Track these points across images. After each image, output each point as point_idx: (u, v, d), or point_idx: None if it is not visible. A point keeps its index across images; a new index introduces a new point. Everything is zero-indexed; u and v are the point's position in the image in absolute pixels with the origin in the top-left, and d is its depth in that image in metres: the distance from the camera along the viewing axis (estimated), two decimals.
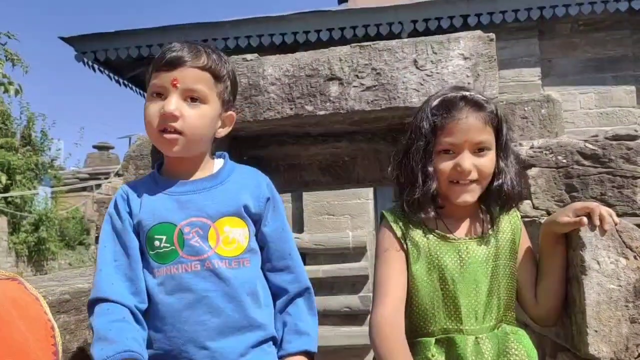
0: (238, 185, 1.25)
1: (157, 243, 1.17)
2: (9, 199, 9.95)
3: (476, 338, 1.21)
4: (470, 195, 1.27)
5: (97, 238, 2.14)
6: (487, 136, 1.26)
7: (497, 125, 1.28)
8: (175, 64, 1.17)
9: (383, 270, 1.29)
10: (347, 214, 5.58)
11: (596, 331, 1.17)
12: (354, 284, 5.22)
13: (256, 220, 1.25)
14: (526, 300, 1.31)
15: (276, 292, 1.27)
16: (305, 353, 1.22)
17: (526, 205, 1.62)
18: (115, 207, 1.22)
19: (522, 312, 1.35)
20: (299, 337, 1.22)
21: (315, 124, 2.13)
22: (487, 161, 1.26)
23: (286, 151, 2.39)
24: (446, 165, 1.26)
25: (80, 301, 1.43)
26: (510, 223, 1.33)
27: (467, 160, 1.24)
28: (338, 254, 5.26)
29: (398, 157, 1.35)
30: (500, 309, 1.26)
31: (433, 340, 1.24)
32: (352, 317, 5.17)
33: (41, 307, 0.86)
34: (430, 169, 1.27)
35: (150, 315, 1.17)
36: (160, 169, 1.29)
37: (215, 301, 1.15)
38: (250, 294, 1.20)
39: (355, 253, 5.30)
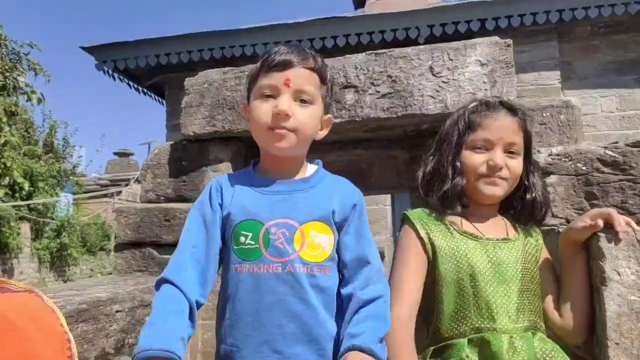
0: (328, 191, 1.25)
1: (242, 239, 1.18)
2: (32, 206, 10.11)
3: (510, 337, 1.19)
4: (499, 189, 1.29)
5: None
6: (519, 140, 1.31)
7: (527, 136, 1.33)
8: (288, 64, 1.19)
9: (400, 271, 1.29)
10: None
11: (617, 344, 1.14)
12: None
13: (339, 228, 1.23)
14: (549, 313, 1.29)
15: (346, 301, 1.20)
16: (358, 348, 1.09)
17: None
18: (209, 196, 1.24)
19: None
20: (350, 338, 1.11)
21: (330, 131, 2.12)
22: (517, 164, 1.30)
23: None
24: (477, 159, 1.30)
25: (98, 310, 1.44)
26: (533, 236, 1.34)
27: (500, 156, 1.28)
28: None
29: (426, 156, 1.41)
30: (532, 312, 1.24)
31: (466, 340, 1.22)
32: None
33: (58, 319, 0.87)
34: (459, 164, 1.32)
35: (228, 310, 1.18)
36: (255, 167, 1.31)
37: (293, 306, 1.14)
38: (328, 303, 1.18)
39: None
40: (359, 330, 1.12)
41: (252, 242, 1.17)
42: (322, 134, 1.31)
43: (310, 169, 1.31)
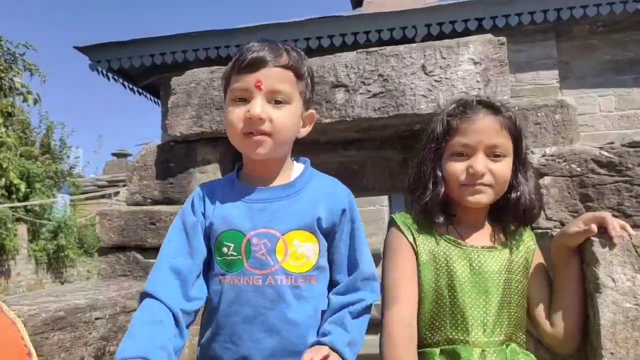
0: (314, 196, 1.18)
1: (225, 250, 1.14)
2: (29, 207, 10.06)
3: (483, 351, 1.14)
4: (484, 197, 1.21)
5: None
6: (503, 140, 1.21)
7: (515, 134, 1.24)
8: (258, 64, 1.12)
9: (394, 273, 1.23)
10: (362, 220, 5.51)
11: (612, 353, 1.09)
12: None
13: (328, 234, 1.18)
14: (539, 320, 1.23)
15: (333, 308, 1.17)
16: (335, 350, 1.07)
17: None
18: (192, 205, 1.20)
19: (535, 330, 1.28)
20: (336, 327, 1.10)
21: (321, 132, 2.08)
22: (503, 166, 1.21)
23: None
24: (458, 167, 1.22)
25: (76, 318, 1.40)
26: (523, 242, 1.27)
27: (481, 162, 1.19)
28: None
29: (413, 162, 1.33)
30: (511, 325, 1.19)
31: (438, 350, 1.18)
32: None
33: (18, 332, 0.82)
34: (440, 173, 1.24)
35: (210, 321, 1.15)
36: (239, 172, 1.25)
37: (272, 320, 1.10)
38: (311, 316, 1.13)
39: None
40: (351, 326, 1.11)
41: (235, 253, 1.13)
42: (305, 131, 1.24)
43: (296, 169, 1.25)
